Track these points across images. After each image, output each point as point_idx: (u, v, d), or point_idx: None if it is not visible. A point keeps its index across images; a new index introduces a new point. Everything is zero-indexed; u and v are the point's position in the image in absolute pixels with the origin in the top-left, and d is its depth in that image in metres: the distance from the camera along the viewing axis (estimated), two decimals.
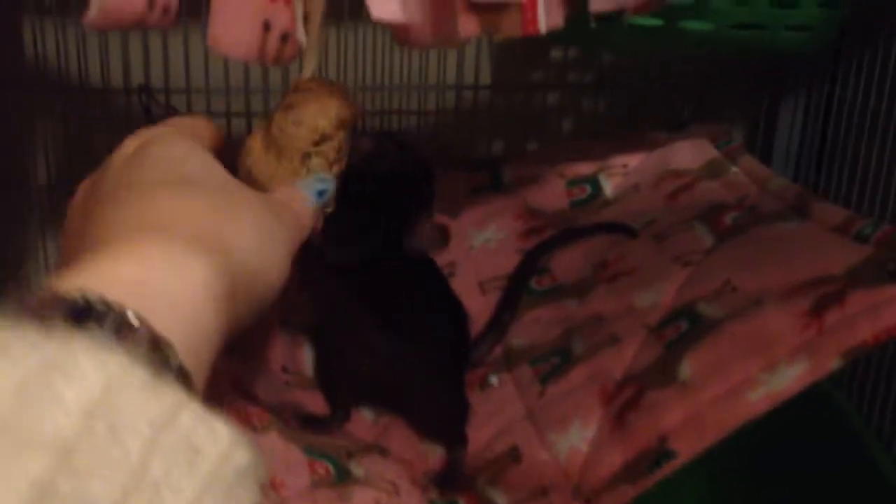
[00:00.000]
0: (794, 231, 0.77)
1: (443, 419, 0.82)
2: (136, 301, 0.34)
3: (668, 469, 0.65)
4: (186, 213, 0.42)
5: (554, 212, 0.99)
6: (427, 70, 1.07)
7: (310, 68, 0.58)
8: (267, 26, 0.55)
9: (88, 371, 0.28)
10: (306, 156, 0.56)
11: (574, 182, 1.02)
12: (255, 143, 0.56)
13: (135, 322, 0.33)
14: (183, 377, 0.34)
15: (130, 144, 0.48)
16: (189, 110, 1.02)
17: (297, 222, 0.52)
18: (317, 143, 0.56)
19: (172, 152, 0.46)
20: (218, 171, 0.47)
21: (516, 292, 0.93)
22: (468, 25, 0.57)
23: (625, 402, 0.71)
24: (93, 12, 0.52)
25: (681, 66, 1.10)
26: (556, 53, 1.12)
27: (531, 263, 0.94)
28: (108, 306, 0.33)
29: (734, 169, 0.93)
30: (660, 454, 0.65)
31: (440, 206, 0.99)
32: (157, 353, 0.33)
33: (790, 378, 0.62)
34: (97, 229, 0.42)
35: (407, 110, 1.09)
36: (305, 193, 0.54)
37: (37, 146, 1.05)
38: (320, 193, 0.55)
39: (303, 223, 0.53)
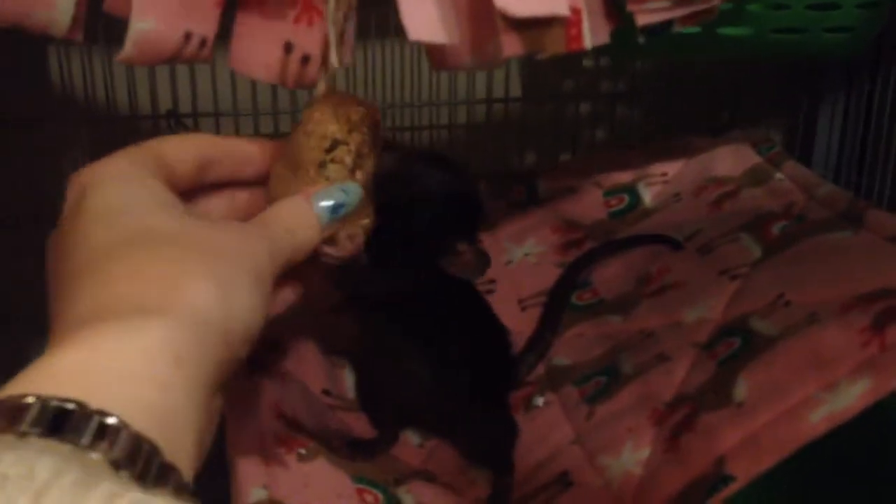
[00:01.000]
0: (849, 241, 0.75)
1: (488, 445, 0.80)
2: (82, 386, 0.33)
3: (726, 493, 0.63)
4: (130, 277, 0.39)
5: (592, 223, 0.98)
6: (457, 84, 1.06)
7: (322, 85, 0.56)
8: (288, 48, 0.54)
9: (13, 484, 0.27)
10: (321, 165, 0.53)
11: (612, 192, 1.00)
12: (277, 167, 0.54)
13: (70, 408, 0.31)
14: (136, 450, 0.32)
15: (70, 193, 0.45)
16: (217, 134, 1.01)
17: (290, 239, 0.47)
18: (329, 150, 0.53)
19: (109, 203, 0.43)
20: (162, 213, 0.43)
21: (558, 308, 0.91)
22: (511, 45, 0.55)
23: (678, 424, 0.69)
24: (127, 49, 0.51)
25: (716, 70, 1.08)
26: (587, 62, 1.10)
27: (572, 278, 0.93)
28: (44, 401, 0.31)
29: (778, 175, 0.91)
30: (717, 478, 0.63)
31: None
32: (103, 436, 0.31)
33: (853, 397, 0.60)
34: (53, 309, 0.41)
35: (437, 125, 1.08)
36: (314, 206, 0.50)
37: (64, 178, 1.04)
38: (336, 208, 0.51)
39: (298, 239, 0.48)
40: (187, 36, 0.53)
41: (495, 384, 0.82)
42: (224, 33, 0.69)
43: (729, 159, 0.96)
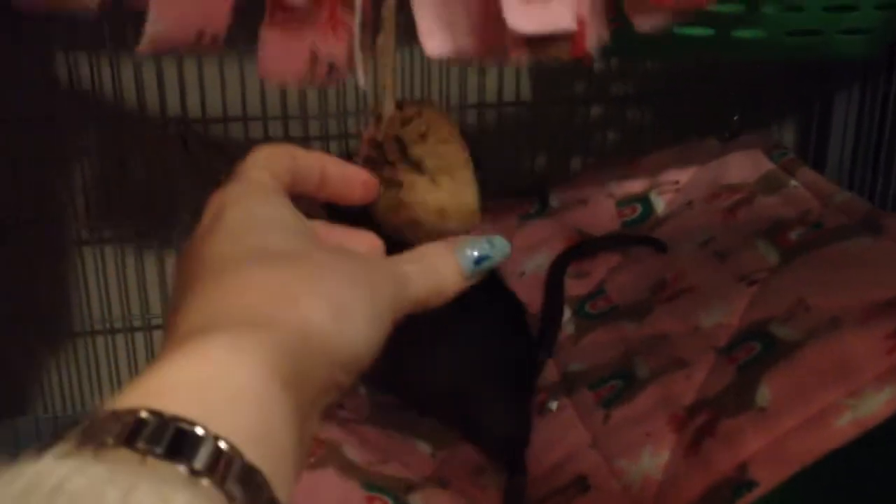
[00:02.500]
0: (869, 248, 0.75)
1: (502, 436, 0.81)
2: (195, 404, 0.32)
3: (749, 499, 0.62)
4: (244, 289, 0.39)
5: (605, 234, 0.97)
6: (467, 88, 1.05)
7: (391, 106, 0.55)
8: (315, 57, 0.54)
9: None
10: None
11: (624, 202, 1.00)
12: (414, 179, 0.52)
13: (197, 431, 0.30)
14: (247, 472, 0.31)
15: (210, 208, 0.45)
16: (226, 139, 1.01)
17: (426, 280, 0.45)
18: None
19: (241, 219, 0.43)
20: (287, 235, 0.43)
21: (554, 305, 0.91)
22: (517, 54, 0.57)
23: (699, 428, 0.69)
24: (144, 45, 0.53)
25: (727, 72, 1.08)
26: (597, 65, 1.10)
27: (558, 273, 0.94)
28: (164, 419, 0.30)
29: (794, 182, 0.90)
30: (740, 483, 0.63)
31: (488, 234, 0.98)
32: (217, 463, 0.30)
33: (879, 403, 0.60)
34: (170, 316, 0.41)
35: None
36: (459, 255, 0.47)
37: (74, 182, 1.04)
38: (480, 260, 0.48)
39: (437, 283, 0.46)
40: (200, 34, 0.54)
41: (513, 375, 0.83)
42: (235, 38, 0.69)
43: (742, 166, 0.96)
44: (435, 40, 0.54)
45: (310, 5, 0.55)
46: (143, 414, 0.30)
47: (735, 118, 1.01)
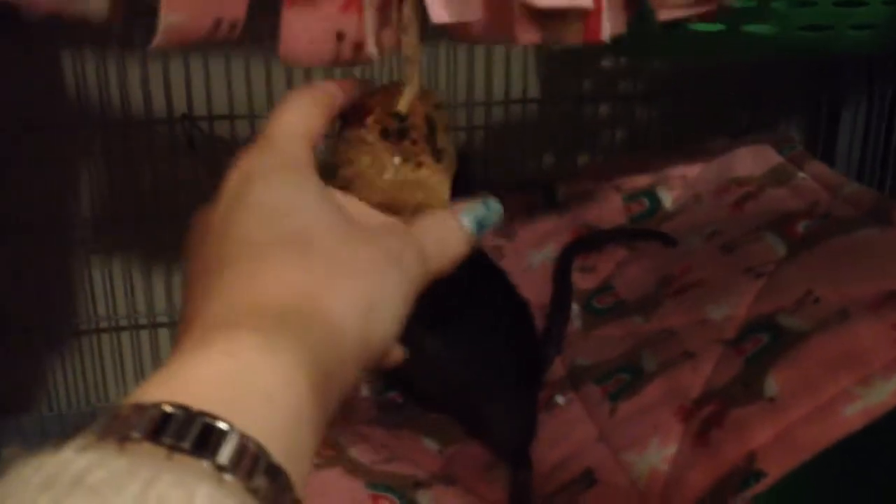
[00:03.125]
0: (877, 238, 0.75)
1: (507, 430, 0.80)
2: (223, 401, 0.31)
3: (757, 489, 0.62)
4: (275, 280, 0.38)
5: (612, 228, 0.97)
6: (474, 86, 1.05)
7: (413, 90, 0.51)
8: (340, 37, 0.52)
9: None
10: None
11: (631, 196, 0.99)
12: (360, 133, 0.49)
13: (217, 425, 0.30)
14: (273, 472, 0.30)
15: (234, 178, 0.42)
16: (233, 136, 1.01)
17: (441, 252, 0.44)
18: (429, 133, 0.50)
19: (274, 200, 0.41)
20: (325, 215, 0.41)
21: (562, 299, 0.91)
22: (527, 33, 0.53)
23: (707, 420, 0.68)
24: (159, 39, 0.50)
25: (735, 71, 1.07)
26: (605, 63, 1.09)
27: (565, 266, 0.94)
28: (191, 414, 0.30)
29: (801, 175, 0.90)
30: (748, 474, 0.62)
31: (496, 229, 0.97)
32: (241, 460, 0.29)
33: (888, 392, 0.60)
34: (189, 293, 0.40)
35: (455, 127, 1.07)
36: (463, 222, 0.46)
37: (80, 180, 1.04)
38: (480, 224, 0.47)
39: (450, 252, 0.45)
40: (217, 22, 0.51)
41: (517, 369, 0.83)
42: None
43: (750, 160, 0.95)
44: (441, 5, 0.52)
45: None
46: (170, 408, 0.29)
47: (742, 118, 1.01)
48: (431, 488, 0.74)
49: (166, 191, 1.03)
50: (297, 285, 0.37)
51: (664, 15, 0.60)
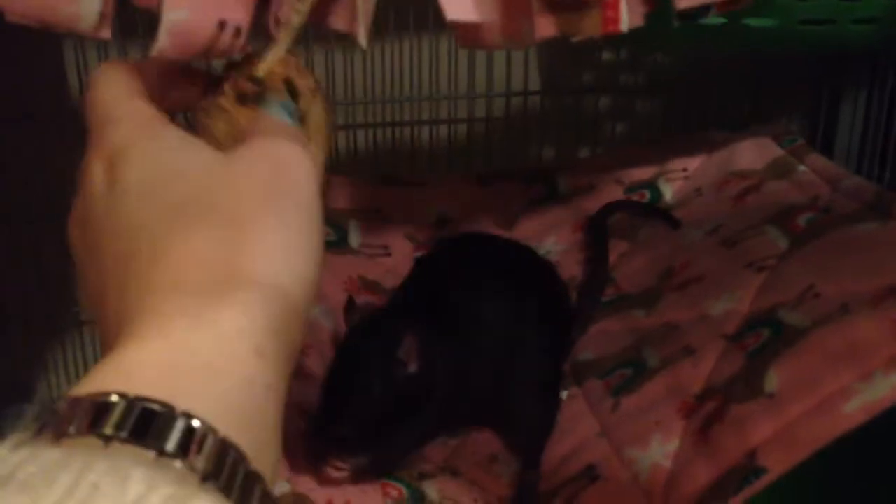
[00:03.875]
0: (878, 233, 0.75)
1: (525, 431, 0.79)
2: (165, 384, 0.30)
3: (758, 486, 0.62)
4: (187, 255, 0.36)
5: (614, 220, 0.97)
6: (475, 78, 1.05)
7: (277, 55, 0.48)
8: (223, 25, 0.49)
9: (105, 496, 0.25)
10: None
11: (633, 188, 0.99)
12: (220, 101, 0.47)
13: (157, 409, 0.29)
14: (222, 459, 0.29)
15: (94, 171, 0.41)
16: None
17: (308, 162, 0.42)
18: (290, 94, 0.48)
19: (152, 169, 0.39)
20: (197, 165, 0.39)
21: (595, 283, 0.92)
22: (545, 26, 0.52)
23: (708, 416, 0.69)
24: (161, 40, 0.48)
25: (736, 63, 1.07)
26: (606, 56, 1.09)
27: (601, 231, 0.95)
28: (129, 401, 0.29)
29: (802, 168, 0.90)
30: (749, 470, 0.62)
31: (496, 220, 0.97)
32: (189, 443, 0.29)
33: (889, 387, 0.59)
34: (99, 296, 0.38)
35: (456, 119, 1.07)
36: (281, 116, 0.46)
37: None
38: (291, 114, 0.46)
39: (303, 157, 0.43)
40: (221, 24, 0.50)
41: (551, 367, 0.82)
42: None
43: (750, 153, 0.95)
44: (456, 2, 0.50)
45: None
46: (108, 397, 0.29)
47: (743, 110, 1.01)
48: (437, 479, 0.74)
49: None
50: (205, 253, 0.36)
51: (684, 3, 0.58)
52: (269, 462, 0.32)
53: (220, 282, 0.35)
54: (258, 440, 0.31)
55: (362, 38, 0.52)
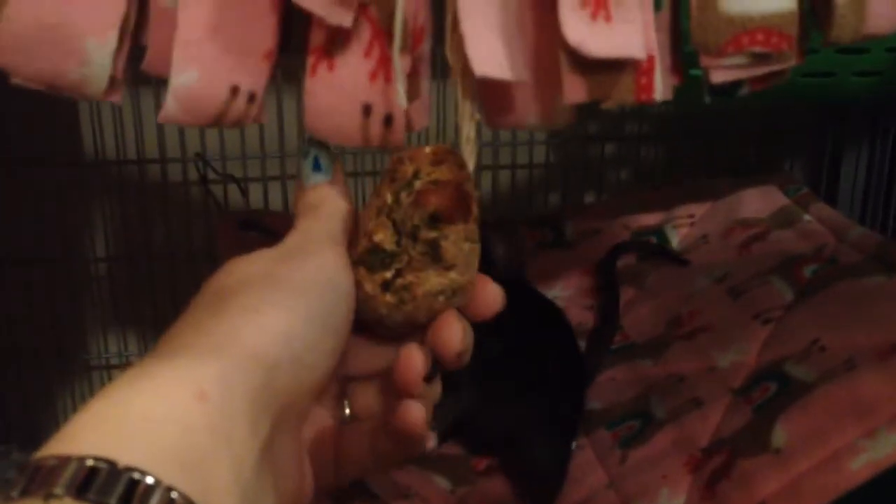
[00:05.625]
0: (883, 286, 0.75)
1: (537, 482, 0.79)
2: (108, 439, 0.31)
3: None
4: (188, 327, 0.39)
5: (621, 267, 0.98)
6: (481, 127, 1.05)
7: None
8: (367, 110, 0.49)
9: None
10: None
11: (639, 234, 1.00)
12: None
13: (99, 466, 0.29)
14: (168, 500, 0.30)
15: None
16: (245, 175, 1.02)
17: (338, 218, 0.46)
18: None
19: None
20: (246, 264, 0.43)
21: (605, 331, 0.92)
22: (575, 90, 0.49)
23: (715, 471, 0.69)
24: (170, 105, 0.48)
25: (740, 113, 1.08)
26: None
27: (610, 274, 0.95)
28: (73, 461, 0.30)
29: (807, 217, 0.91)
30: None
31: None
32: (131, 496, 0.29)
33: (893, 445, 0.60)
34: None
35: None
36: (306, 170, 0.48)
37: (94, 219, 1.05)
38: (317, 164, 0.48)
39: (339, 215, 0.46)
40: (234, 90, 0.48)
41: (566, 418, 0.82)
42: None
43: (756, 201, 0.96)
44: (482, 52, 0.47)
45: (354, 44, 0.48)
46: (94, 462, 0.30)
47: (748, 159, 1.02)
48: None
49: (179, 228, 1.04)
50: (212, 330, 0.38)
51: (717, 77, 0.53)
52: None
53: (211, 350, 0.36)
54: (209, 486, 0.32)
55: (402, 97, 0.49)
